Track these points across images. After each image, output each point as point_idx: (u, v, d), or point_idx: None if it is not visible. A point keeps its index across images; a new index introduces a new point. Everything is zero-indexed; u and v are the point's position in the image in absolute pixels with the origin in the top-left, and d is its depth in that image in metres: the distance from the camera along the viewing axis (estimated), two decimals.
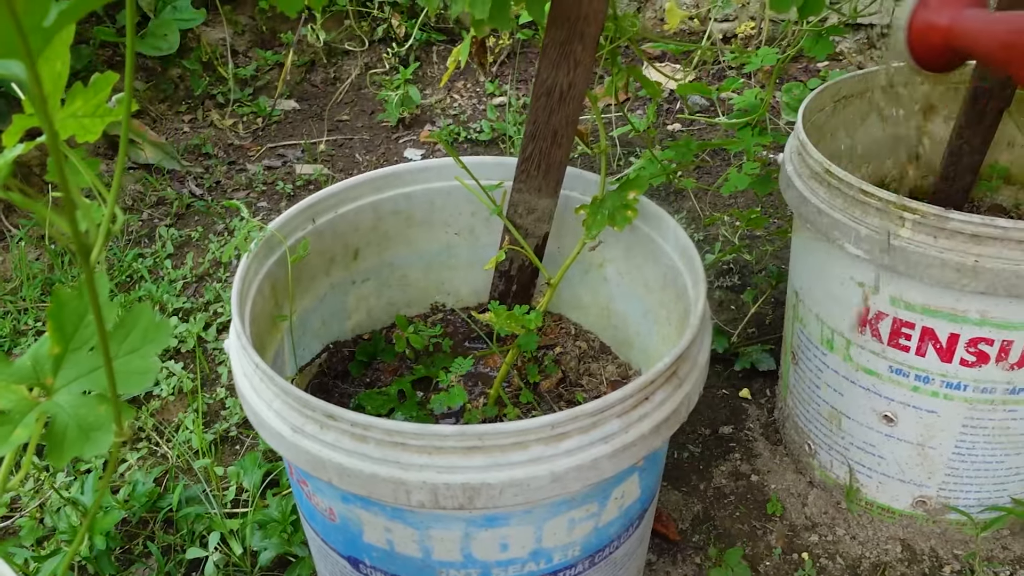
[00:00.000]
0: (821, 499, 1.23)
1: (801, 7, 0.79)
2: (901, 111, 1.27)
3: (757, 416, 1.38)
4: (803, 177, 1.06)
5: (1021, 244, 0.89)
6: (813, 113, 1.18)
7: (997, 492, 1.12)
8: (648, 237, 0.97)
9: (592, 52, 0.84)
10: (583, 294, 1.08)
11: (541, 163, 0.94)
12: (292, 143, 2.18)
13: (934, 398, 1.04)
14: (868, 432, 1.12)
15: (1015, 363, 0.98)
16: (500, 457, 0.70)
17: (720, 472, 1.29)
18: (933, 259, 0.92)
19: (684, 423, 1.35)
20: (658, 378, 0.75)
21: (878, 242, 0.95)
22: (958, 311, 0.96)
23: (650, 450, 0.75)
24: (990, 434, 1.05)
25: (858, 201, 0.97)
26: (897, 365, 1.04)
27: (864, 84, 1.23)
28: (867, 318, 1.03)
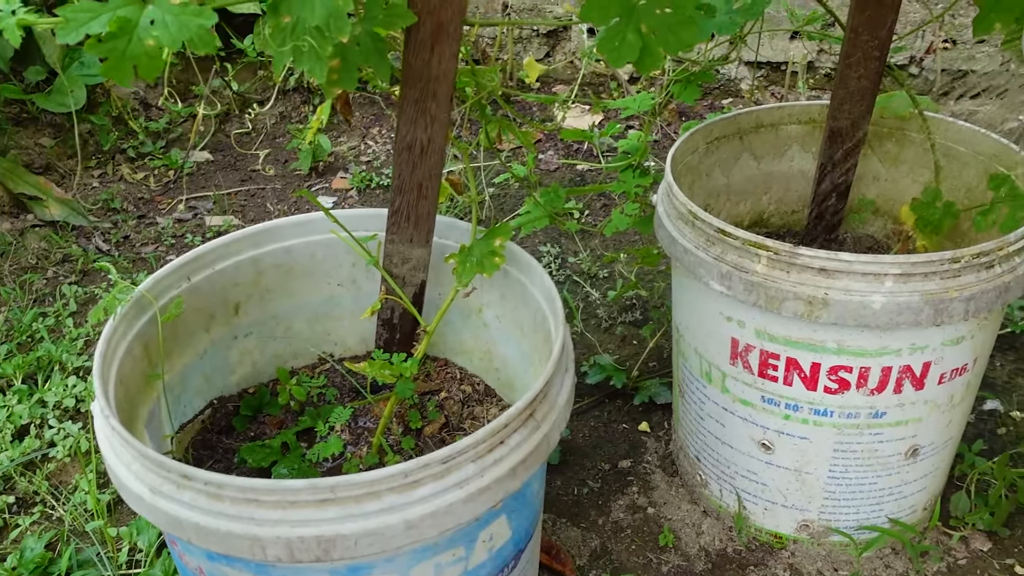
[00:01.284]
0: (715, 528, 1.26)
1: (638, 63, 0.83)
2: (772, 150, 1.33)
3: (655, 449, 1.41)
4: (671, 218, 1.10)
5: (865, 276, 0.94)
6: (686, 155, 1.23)
7: (874, 512, 1.16)
8: (519, 282, 1.00)
9: (447, 108, 0.88)
10: (466, 339, 1.11)
11: (410, 215, 0.96)
12: (203, 195, 2.18)
13: (805, 425, 1.08)
14: (750, 460, 1.16)
15: (874, 388, 1.03)
16: (354, 508, 0.71)
17: (618, 506, 1.31)
18: (787, 293, 0.97)
19: (584, 459, 1.39)
20: (512, 421, 0.77)
21: (738, 279, 1.00)
22: (816, 341, 1.01)
23: (508, 492, 0.77)
24: (860, 457, 1.10)
25: (718, 240, 1.01)
26: (768, 395, 1.08)
27: (735, 125, 1.29)
28: (738, 351, 1.08)
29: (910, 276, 0.93)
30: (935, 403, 1.06)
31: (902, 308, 0.94)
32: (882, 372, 1.01)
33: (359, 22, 0.81)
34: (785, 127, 1.31)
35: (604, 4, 0.83)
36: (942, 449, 1.13)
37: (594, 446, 1.43)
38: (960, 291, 0.94)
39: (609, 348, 1.63)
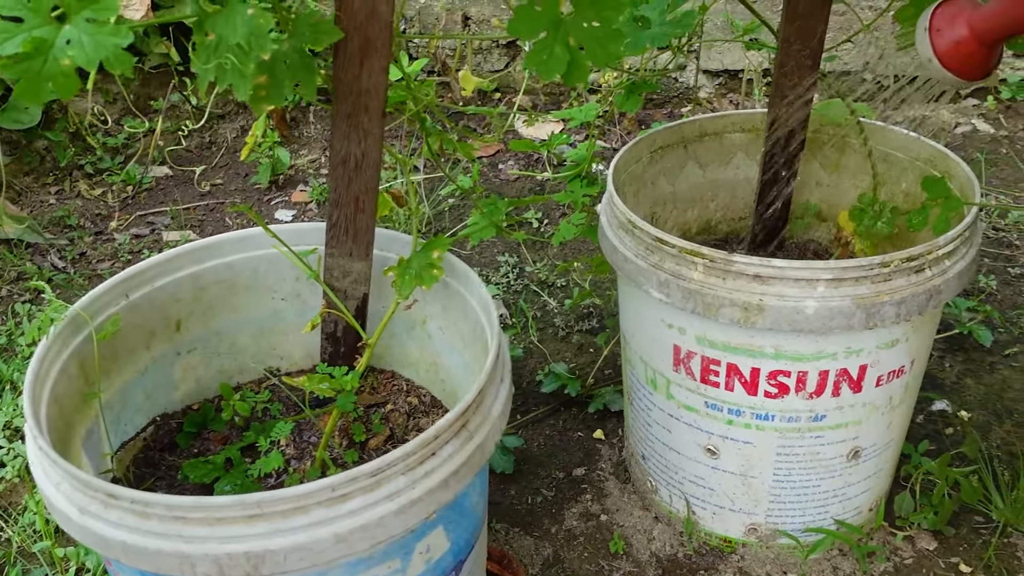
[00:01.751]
0: (666, 533, 1.27)
1: (566, 75, 0.84)
2: (717, 158, 1.35)
3: (609, 456, 1.42)
4: (613, 227, 1.11)
5: (798, 282, 0.95)
6: (630, 164, 1.24)
7: (820, 514, 1.17)
8: (459, 293, 1.00)
9: (379, 123, 0.88)
10: (411, 350, 1.11)
11: (348, 228, 0.96)
12: (162, 210, 2.17)
13: (748, 430, 1.09)
14: (696, 466, 1.17)
15: (813, 392, 1.04)
16: (282, 523, 0.71)
17: (572, 514, 1.32)
18: (724, 299, 0.98)
19: (539, 468, 1.40)
20: (443, 433, 0.77)
21: (676, 286, 1.01)
22: (755, 347, 1.02)
23: (441, 504, 0.78)
24: (803, 460, 1.11)
25: (656, 248, 1.03)
26: (711, 400, 1.09)
27: (679, 135, 1.31)
28: (680, 357, 1.09)
29: (841, 281, 0.95)
30: (874, 405, 1.08)
31: (835, 312, 0.95)
32: (820, 376, 1.03)
33: (287, 39, 0.81)
34: (729, 135, 1.33)
35: (532, 18, 0.84)
36: (884, 450, 1.15)
37: (549, 454, 1.43)
38: (891, 295, 0.95)
39: (566, 356, 1.64)
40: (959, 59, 0.96)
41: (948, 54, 0.97)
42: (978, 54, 0.95)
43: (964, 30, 0.95)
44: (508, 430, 1.44)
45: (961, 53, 0.96)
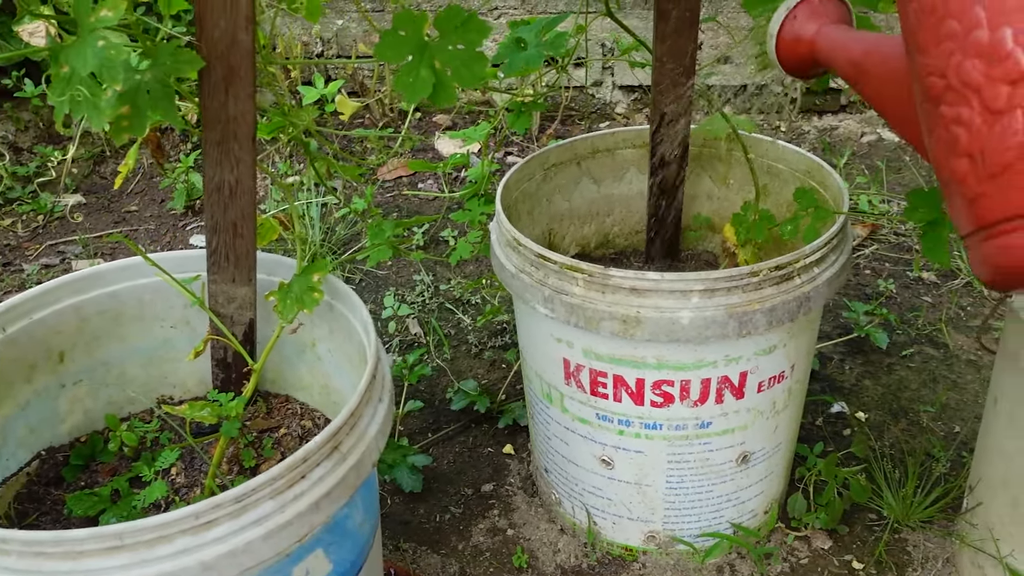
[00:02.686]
0: (571, 545, 1.29)
1: (433, 97, 0.86)
2: (611, 174, 1.38)
3: (518, 471, 1.43)
4: (501, 244, 1.13)
5: (673, 294, 0.98)
6: (522, 182, 1.26)
7: (715, 519, 1.20)
8: (343, 315, 1.01)
9: (250, 149, 0.89)
10: (303, 374, 1.11)
11: (229, 255, 0.97)
12: (73, 239, 2.14)
13: (638, 439, 1.12)
14: (594, 476, 1.19)
15: (697, 400, 1.07)
16: (146, 553, 0.71)
17: (479, 530, 1.33)
18: (604, 313, 1.00)
19: (448, 485, 1.40)
20: (312, 456, 0.78)
21: (559, 301, 1.03)
22: (638, 358, 1.04)
23: (314, 527, 0.78)
24: (693, 467, 1.14)
25: (540, 264, 1.05)
26: (602, 412, 1.11)
27: (572, 152, 1.33)
28: (570, 371, 1.11)
29: (714, 292, 0.98)
30: (758, 410, 1.11)
31: (709, 322, 0.98)
32: (702, 384, 1.06)
33: (149, 68, 0.82)
34: (621, 151, 1.36)
35: (397, 43, 0.86)
36: (773, 454, 1.18)
37: (458, 471, 1.44)
38: (762, 303, 0.99)
39: (479, 373, 1.65)
40: (789, 54, 0.96)
41: (784, 44, 0.96)
42: (806, 61, 0.95)
43: (809, 35, 0.94)
44: (417, 449, 1.45)
45: (795, 52, 0.95)
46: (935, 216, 0.92)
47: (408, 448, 1.39)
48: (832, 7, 0.95)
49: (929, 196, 0.93)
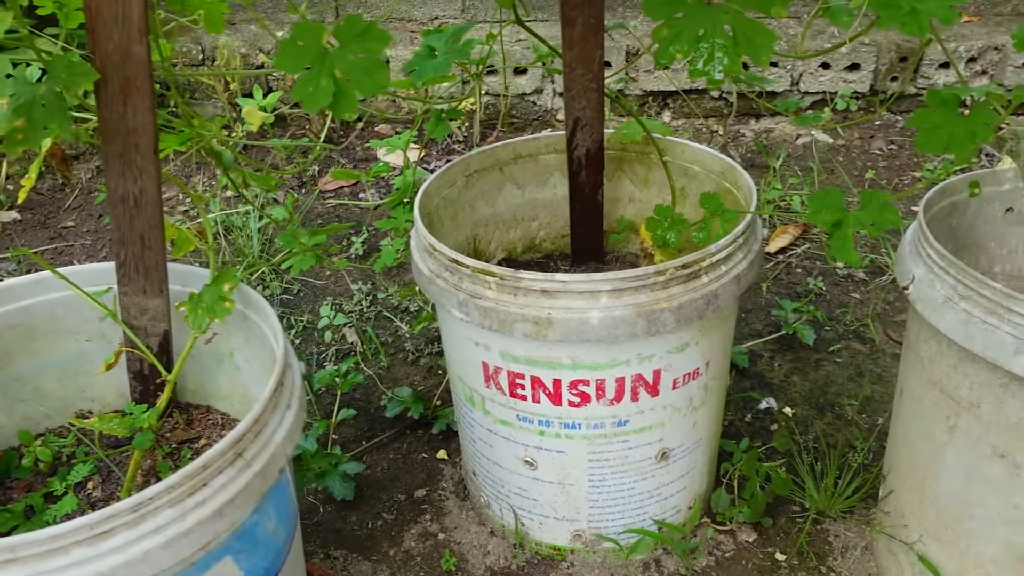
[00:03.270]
0: (500, 547, 1.30)
1: (333, 106, 0.87)
2: (534, 179, 1.39)
3: (451, 475, 1.44)
4: (419, 250, 1.14)
5: (582, 295, 1.00)
6: (443, 189, 1.27)
7: (639, 516, 1.22)
8: (257, 324, 1.01)
9: (153, 160, 0.89)
10: (223, 384, 1.11)
11: (138, 266, 0.97)
12: (5, 256, 2.11)
13: (558, 439, 1.13)
14: (518, 478, 1.20)
15: (613, 399, 1.09)
16: (40, 565, 0.71)
17: (411, 535, 1.33)
18: (516, 315, 1.02)
19: (381, 492, 1.41)
20: (213, 463, 0.78)
21: (473, 305, 1.04)
22: (553, 359, 1.06)
23: (217, 534, 0.79)
24: (614, 465, 1.15)
25: (454, 269, 1.06)
26: (522, 413, 1.13)
27: (494, 158, 1.35)
28: (489, 374, 1.12)
29: (622, 292, 1.00)
30: (675, 407, 1.13)
31: (618, 322, 1.00)
32: (617, 383, 1.07)
33: (45, 81, 0.82)
34: (544, 156, 1.38)
35: (296, 53, 0.87)
36: (694, 450, 1.20)
37: (392, 478, 1.45)
38: (669, 302, 1.01)
39: (415, 380, 1.66)
40: None
41: None
42: None
43: None
44: (350, 457, 1.45)
45: None
46: (838, 217, 0.94)
47: (340, 456, 1.40)
48: None
49: (831, 197, 0.96)
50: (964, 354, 0.95)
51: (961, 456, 1.00)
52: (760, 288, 1.89)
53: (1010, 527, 0.98)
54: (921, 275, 0.99)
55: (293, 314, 1.85)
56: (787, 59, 2.62)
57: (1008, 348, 0.87)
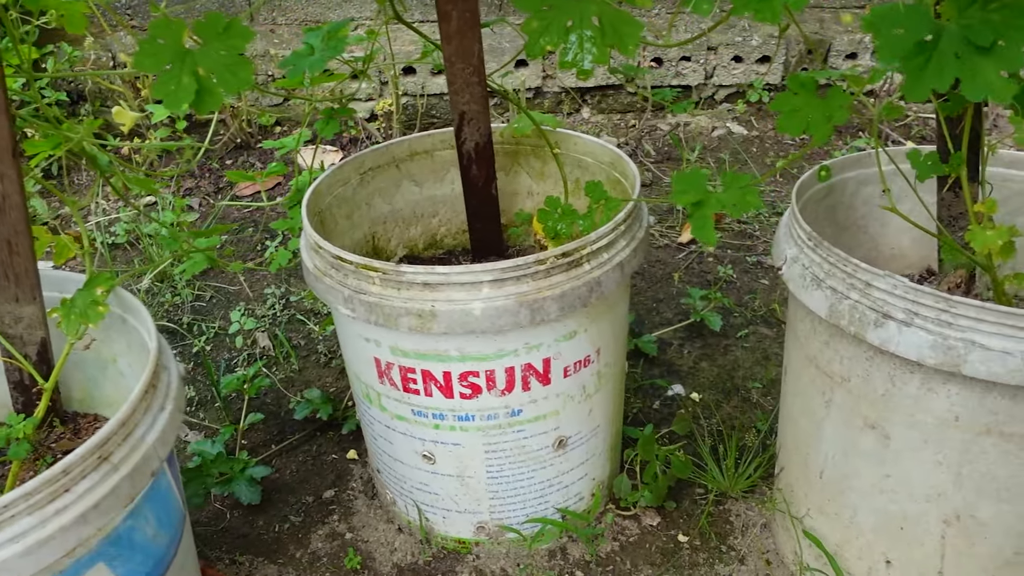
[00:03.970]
0: (407, 543, 1.30)
1: (196, 104, 0.86)
2: (431, 175, 1.40)
3: (360, 475, 1.44)
4: (307, 249, 1.14)
5: (464, 286, 1.01)
6: (336, 187, 1.27)
7: (541, 505, 1.23)
8: (136, 329, 1.00)
9: (13, 164, 0.88)
10: (108, 391, 1.10)
11: (7, 273, 0.95)
12: None
13: (453, 432, 1.14)
14: (419, 472, 1.21)
15: (504, 389, 1.10)
16: None
17: (318, 536, 1.33)
18: (400, 309, 1.02)
19: (289, 494, 1.40)
20: (75, 468, 0.77)
21: (358, 301, 1.04)
22: (441, 351, 1.06)
23: (83, 540, 0.77)
24: (511, 455, 1.16)
25: (338, 266, 1.06)
26: (416, 408, 1.13)
27: (389, 155, 1.35)
28: (382, 369, 1.12)
29: (503, 281, 1.01)
30: (568, 395, 1.14)
31: (501, 312, 1.01)
32: (507, 373, 1.08)
33: None
34: (440, 152, 1.38)
35: (155, 52, 0.86)
36: (592, 437, 1.22)
37: (301, 480, 1.44)
38: (551, 290, 1.02)
39: (327, 382, 1.65)
40: None
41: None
42: None
43: None
44: (257, 461, 1.44)
45: None
46: (700, 198, 0.96)
47: (247, 461, 1.38)
48: None
49: (695, 179, 0.98)
50: (833, 330, 0.97)
51: (837, 430, 1.03)
52: (672, 278, 1.92)
53: (884, 496, 1.01)
54: (793, 256, 1.02)
55: (205, 320, 1.82)
56: (663, 48, 2.66)
57: (869, 322, 0.90)
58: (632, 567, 1.25)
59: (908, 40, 0.75)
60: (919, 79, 0.76)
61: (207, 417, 1.58)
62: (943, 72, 0.75)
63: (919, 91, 0.76)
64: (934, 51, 0.75)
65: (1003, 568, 1.00)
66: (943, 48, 0.75)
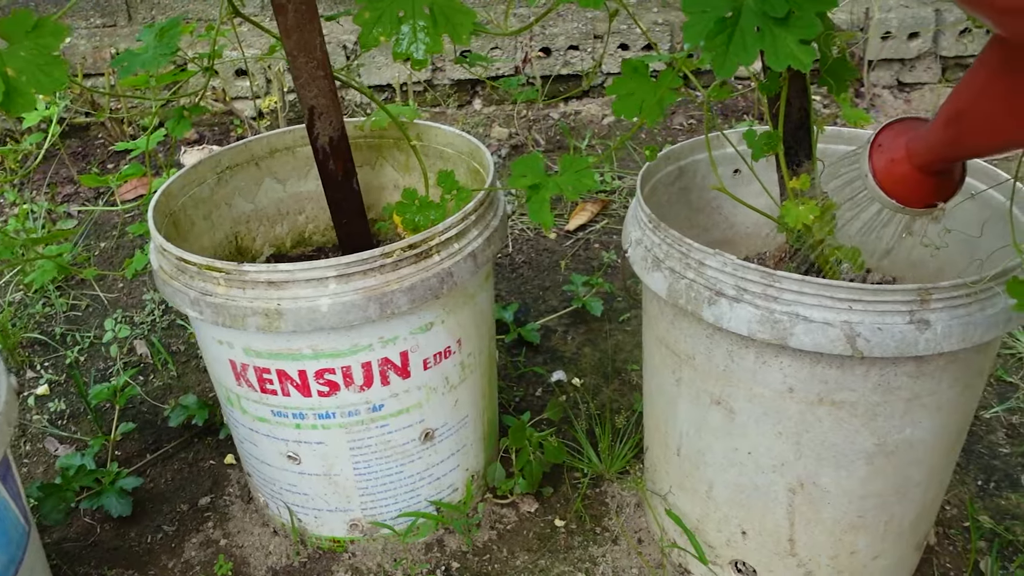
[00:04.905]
0: (282, 546, 1.28)
1: (6, 105, 0.83)
2: (294, 172, 1.38)
3: (238, 479, 1.41)
4: (155, 252, 1.11)
5: (310, 283, 0.99)
6: (191, 187, 1.24)
7: (413, 499, 1.23)
8: None
9: None
10: None
11: None
12: None
13: (315, 431, 1.12)
14: (287, 474, 1.19)
15: (362, 385, 1.09)
16: None
17: (192, 545, 1.30)
18: (247, 309, 1.00)
19: (163, 504, 1.36)
20: None
21: (205, 303, 1.02)
22: (294, 350, 1.05)
23: None
24: (376, 450, 1.16)
25: (184, 268, 1.03)
26: (276, 408, 1.11)
27: (248, 153, 1.32)
28: (238, 372, 1.10)
29: (350, 276, 1.00)
30: (431, 387, 1.14)
31: (348, 307, 1.00)
32: (363, 368, 1.07)
33: None
34: (301, 149, 1.37)
35: None
36: (461, 428, 1.22)
37: (176, 489, 1.40)
38: (400, 283, 1.02)
39: (207, 387, 1.62)
40: (893, 180, 0.86)
41: (882, 173, 0.86)
42: (913, 178, 0.85)
43: (901, 151, 0.85)
44: (130, 471, 1.40)
45: (895, 174, 0.86)
46: (537, 181, 0.97)
47: (117, 472, 1.34)
48: (913, 122, 0.87)
49: (532, 163, 0.98)
50: (676, 310, 0.99)
51: (689, 406, 1.05)
52: (559, 266, 1.94)
53: (735, 469, 1.03)
54: (637, 238, 1.04)
55: (80, 330, 1.77)
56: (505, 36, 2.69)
57: (704, 300, 0.92)
58: (509, 554, 1.25)
59: (710, 18, 0.77)
60: (725, 55, 0.78)
61: (79, 430, 1.53)
62: (747, 46, 0.77)
63: (727, 67, 0.78)
64: (736, 27, 0.77)
65: (849, 531, 1.03)
66: (744, 24, 0.77)
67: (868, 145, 0.87)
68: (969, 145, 0.74)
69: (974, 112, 0.70)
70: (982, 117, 0.68)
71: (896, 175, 0.85)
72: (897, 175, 0.85)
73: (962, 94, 0.71)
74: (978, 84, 0.68)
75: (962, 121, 0.72)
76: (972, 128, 0.71)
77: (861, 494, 1.00)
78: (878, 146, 0.86)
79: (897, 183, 0.85)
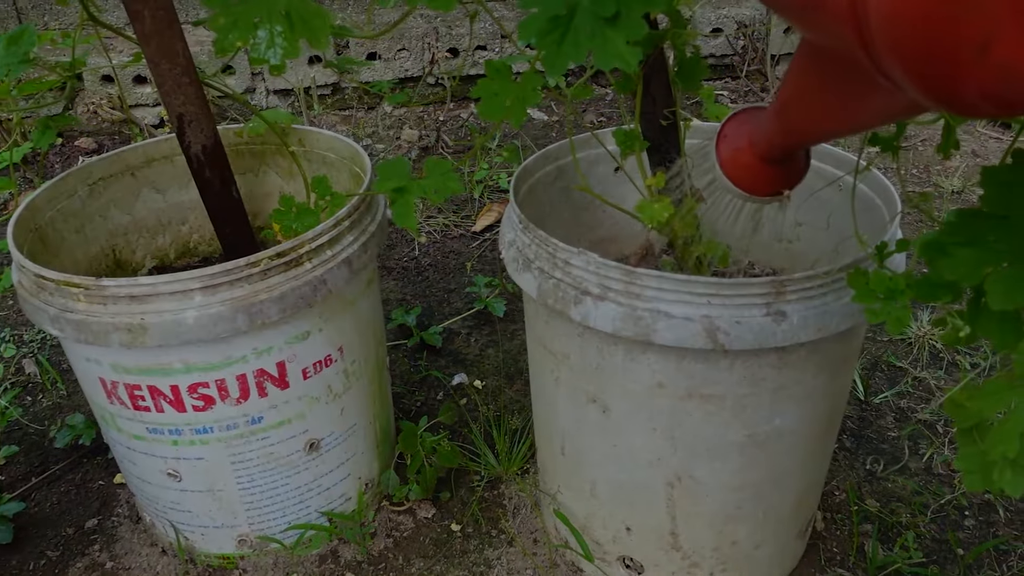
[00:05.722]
0: (171, 565, 1.25)
1: None
2: (174, 181, 1.34)
3: (127, 499, 1.37)
4: (16, 268, 1.07)
5: (174, 295, 0.97)
6: (58, 200, 1.20)
7: (303, 510, 1.21)
8: None
9: None
10: None
11: None
12: None
13: (194, 446, 1.10)
14: (169, 492, 1.16)
15: (239, 398, 1.06)
16: None
17: (76, 570, 1.25)
18: (109, 325, 0.97)
19: (48, 528, 1.32)
20: None
21: (65, 320, 0.98)
22: (165, 365, 1.02)
23: None
24: (260, 464, 1.13)
25: (41, 284, 1.00)
26: (151, 425, 1.08)
27: (123, 163, 1.29)
28: (108, 389, 1.07)
29: (216, 287, 0.97)
30: (312, 397, 1.12)
31: (216, 319, 0.97)
32: (239, 381, 1.05)
33: None
34: (180, 157, 1.32)
35: None
36: (350, 436, 1.20)
37: (62, 512, 1.36)
38: (270, 292, 0.99)
39: None
40: (738, 169, 0.86)
41: (728, 163, 0.86)
42: (756, 167, 0.85)
43: (744, 140, 0.85)
44: (12, 496, 1.35)
45: (739, 163, 0.85)
46: (402, 184, 0.96)
47: None
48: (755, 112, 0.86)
49: (398, 167, 0.97)
50: (548, 310, 0.99)
51: (568, 405, 1.05)
52: (465, 267, 1.93)
53: (615, 465, 1.04)
54: (510, 239, 1.03)
55: None
56: (369, 39, 2.69)
57: (570, 299, 0.92)
58: (404, 561, 1.24)
59: (542, 17, 0.77)
60: (557, 54, 0.77)
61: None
62: (579, 46, 0.77)
63: (557, 66, 0.78)
64: (569, 26, 0.77)
65: (728, 522, 1.05)
66: (578, 22, 0.77)
67: (716, 136, 0.88)
68: (797, 134, 0.75)
69: (796, 104, 0.71)
70: (803, 109, 0.70)
71: (740, 164, 0.84)
72: (741, 164, 0.84)
73: (787, 86, 0.72)
74: (794, 79, 0.69)
75: (788, 112, 0.73)
76: (797, 119, 0.72)
77: (737, 485, 1.01)
78: (724, 137, 0.86)
79: (741, 172, 0.85)
